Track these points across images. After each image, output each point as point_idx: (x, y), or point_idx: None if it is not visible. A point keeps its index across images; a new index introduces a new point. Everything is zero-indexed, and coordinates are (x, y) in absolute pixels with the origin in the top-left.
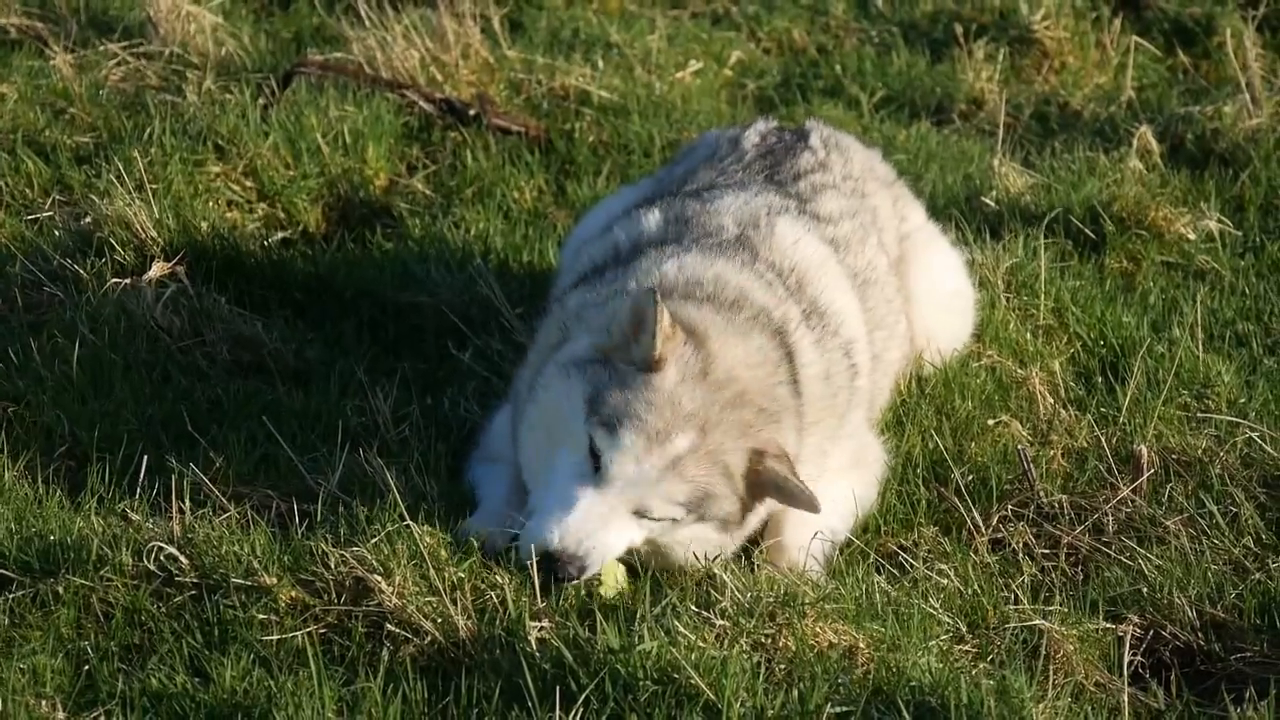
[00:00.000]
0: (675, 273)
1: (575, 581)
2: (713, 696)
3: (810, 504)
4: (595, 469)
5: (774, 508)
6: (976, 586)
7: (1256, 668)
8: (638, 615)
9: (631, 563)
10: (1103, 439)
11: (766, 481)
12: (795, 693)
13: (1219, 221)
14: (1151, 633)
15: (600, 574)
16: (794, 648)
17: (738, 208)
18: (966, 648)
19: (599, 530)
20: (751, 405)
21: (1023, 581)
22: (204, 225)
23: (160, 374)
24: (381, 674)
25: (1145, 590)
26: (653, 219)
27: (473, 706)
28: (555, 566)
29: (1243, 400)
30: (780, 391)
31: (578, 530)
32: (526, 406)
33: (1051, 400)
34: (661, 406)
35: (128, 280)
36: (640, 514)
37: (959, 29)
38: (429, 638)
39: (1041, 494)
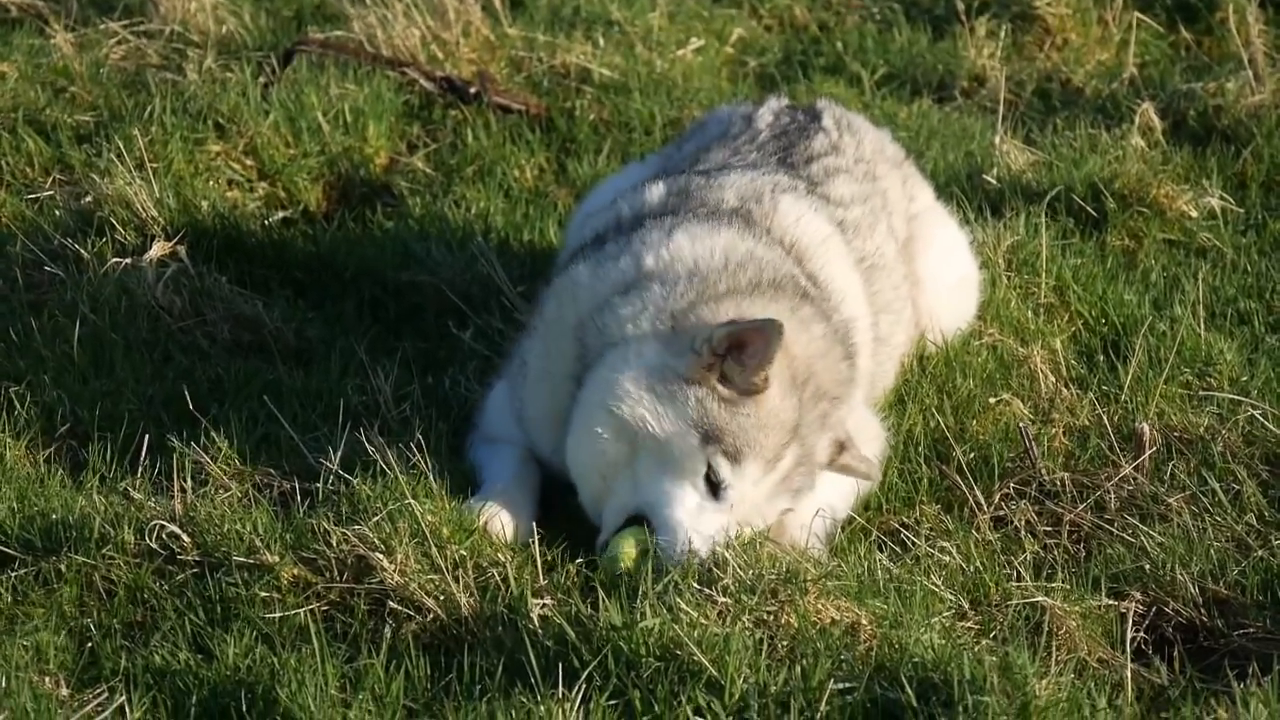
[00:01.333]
0: (690, 249)
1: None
2: (715, 673)
3: (875, 476)
4: (712, 493)
5: None
6: (978, 564)
7: (1259, 644)
8: (640, 592)
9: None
10: (1104, 417)
11: (840, 465)
12: (798, 669)
13: (1221, 199)
14: (1154, 609)
15: (621, 548)
16: (796, 625)
17: (743, 184)
18: (969, 624)
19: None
20: (826, 396)
21: (1025, 559)
22: (204, 204)
23: (161, 353)
24: (384, 651)
25: (1147, 567)
26: (656, 191)
27: (475, 683)
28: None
29: (1245, 378)
30: (843, 369)
31: (708, 544)
32: (593, 407)
33: (1053, 378)
34: (773, 428)
35: (128, 260)
36: (749, 525)
37: (960, 6)
38: (431, 615)
39: (1043, 472)
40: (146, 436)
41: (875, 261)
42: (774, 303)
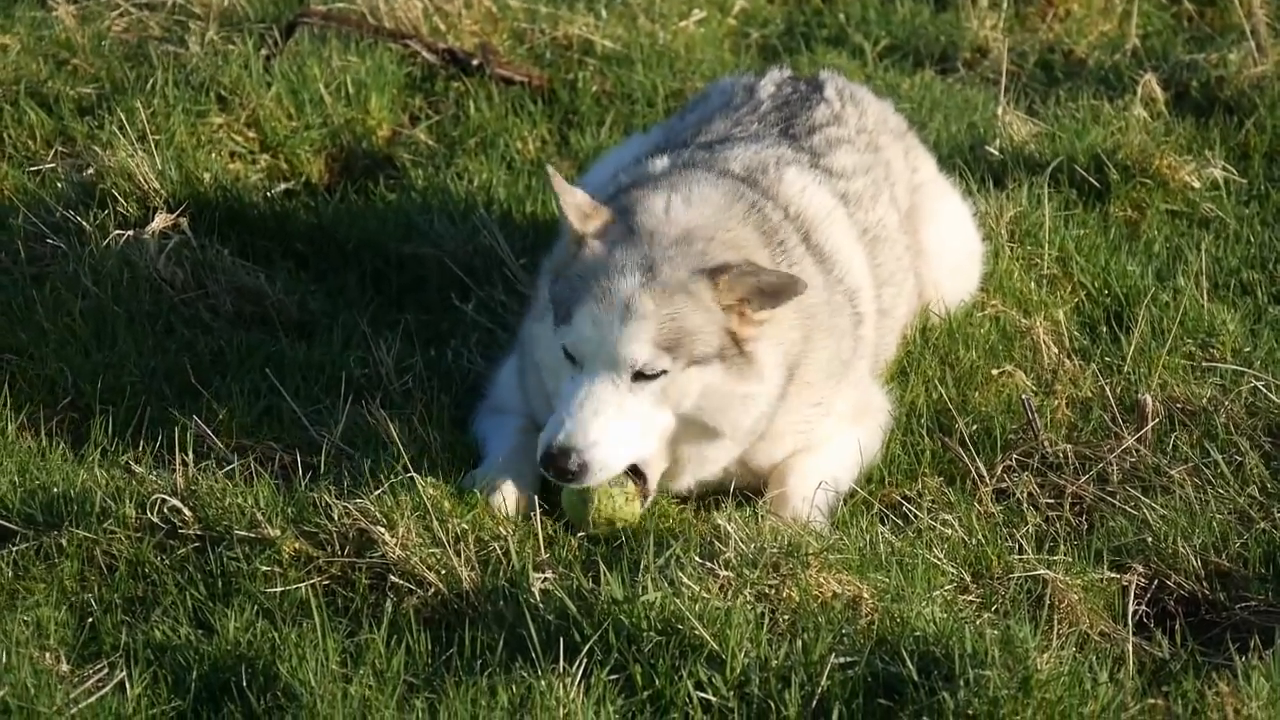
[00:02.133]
0: (662, 167)
1: (582, 480)
2: (716, 647)
3: (792, 284)
4: (575, 365)
5: (789, 362)
6: (981, 536)
7: (1261, 617)
8: (641, 566)
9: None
10: (1107, 388)
11: (742, 290)
12: (799, 643)
13: (1224, 169)
14: (1156, 582)
15: (617, 500)
16: (798, 598)
17: (748, 157)
18: (971, 598)
19: (595, 420)
20: (701, 238)
21: (1027, 531)
22: (206, 176)
23: (163, 326)
24: (385, 625)
25: (1150, 540)
26: (659, 165)
27: (476, 658)
28: (551, 465)
29: (1247, 349)
30: (743, 231)
31: (570, 422)
32: (527, 365)
33: (1056, 350)
34: (595, 268)
35: (130, 232)
36: (623, 371)
37: None
38: (432, 589)
39: (1046, 444)
40: (148, 409)
41: (878, 234)
42: (633, 191)
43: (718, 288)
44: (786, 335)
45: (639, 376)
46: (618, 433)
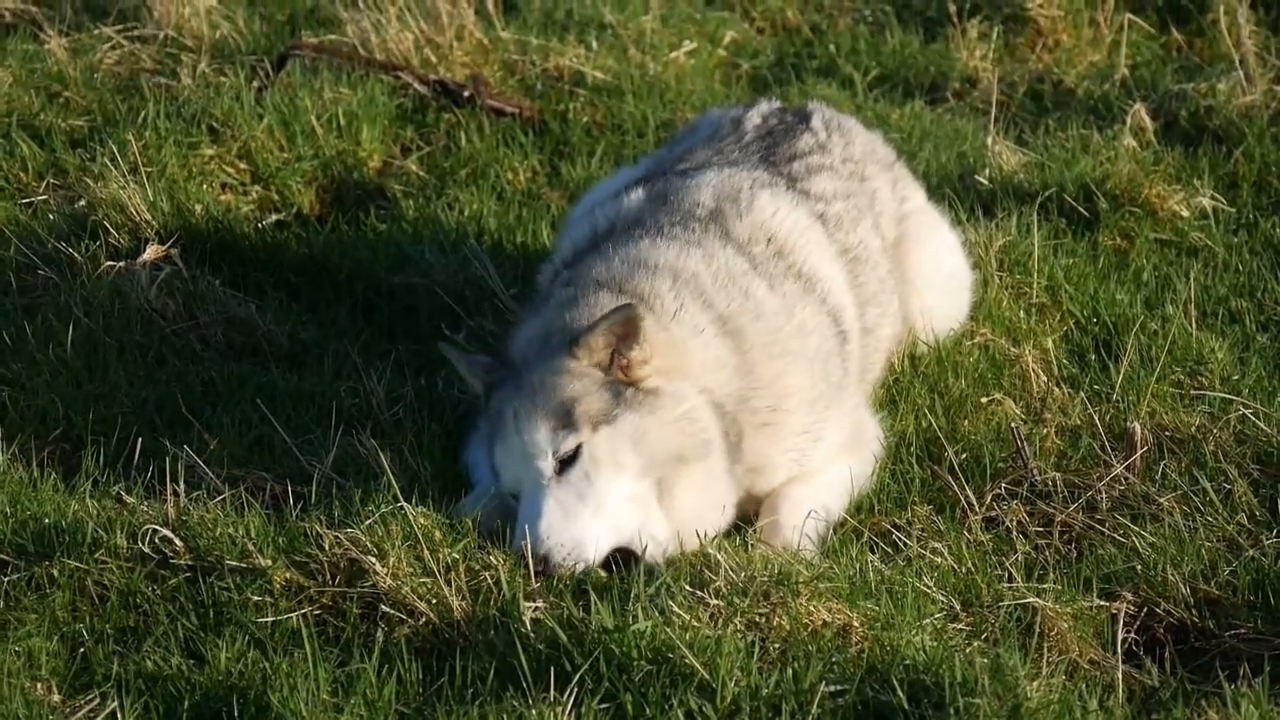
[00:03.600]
0: (637, 200)
1: (577, 570)
2: (707, 676)
3: (627, 313)
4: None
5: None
6: (970, 564)
7: (1250, 644)
8: (632, 595)
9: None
10: (1096, 416)
11: (599, 342)
12: (789, 672)
13: (1212, 198)
14: (1145, 610)
15: None
16: (788, 627)
17: (719, 182)
18: (960, 626)
19: (548, 526)
20: (556, 330)
21: (1016, 559)
22: (198, 208)
23: (155, 356)
24: (376, 655)
25: (1139, 567)
26: (634, 198)
27: (467, 687)
28: (548, 572)
29: (1236, 377)
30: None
31: (536, 531)
32: None
33: (1045, 378)
34: (493, 418)
35: (122, 263)
36: (544, 462)
37: (952, 7)
38: (423, 619)
39: (1035, 472)
40: (139, 440)
41: (858, 254)
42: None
43: (576, 356)
44: (689, 358)
45: (562, 466)
46: (583, 521)
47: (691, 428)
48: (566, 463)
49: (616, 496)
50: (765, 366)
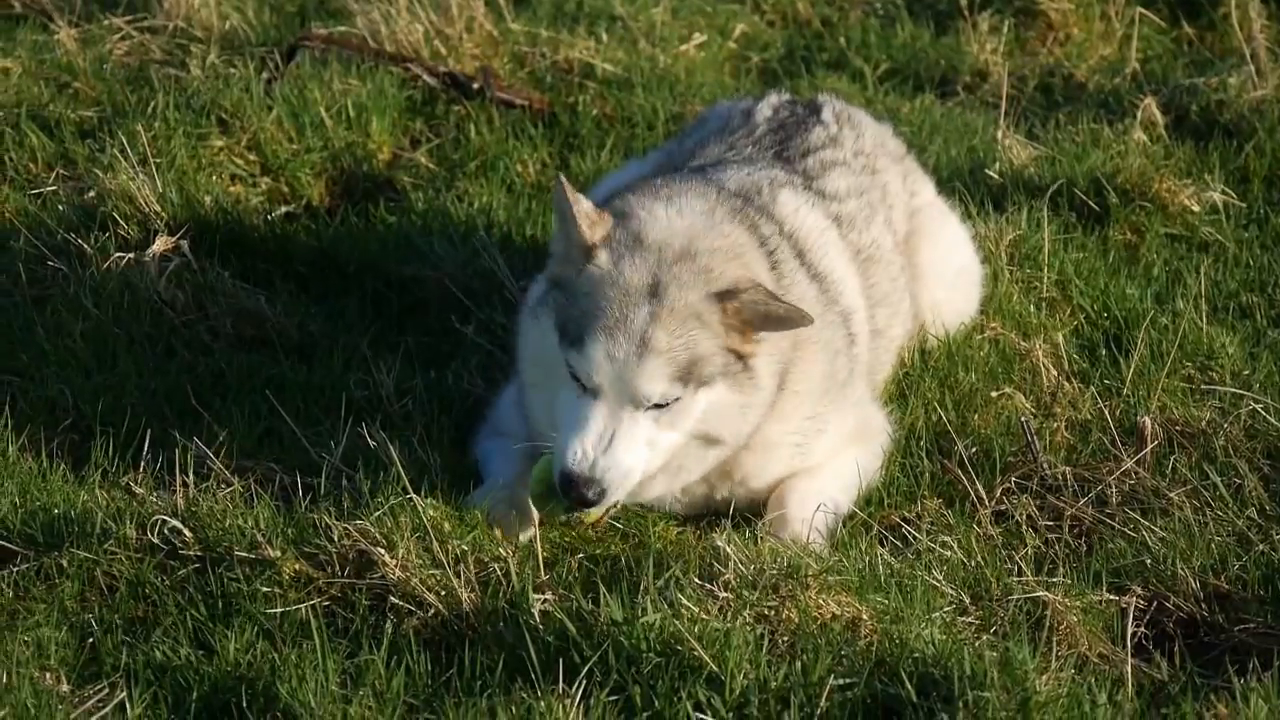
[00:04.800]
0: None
1: (601, 505)
2: (716, 668)
3: (799, 317)
4: (585, 389)
5: (784, 362)
6: (980, 558)
7: (1260, 639)
8: (641, 587)
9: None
10: (1106, 411)
11: (749, 315)
12: (798, 664)
13: (1223, 193)
14: (1155, 604)
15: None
16: (797, 620)
17: (740, 179)
18: (969, 619)
19: (612, 447)
20: (703, 251)
21: (1026, 553)
22: (207, 199)
23: (164, 348)
24: (385, 646)
25: (1148, 562)
26: None
27: (476, 679)
28: (572, 491)
29: (1246, 372)
30: (730, 229)
31: (588, 448)
32: (519, 369)
33: (1055, 372)
34: (607, 291)
35: (131, 255)
36: (640, 405)
37: (963, 1)
38: (432, 610)
39: (1045, 466)
40: (149, 431)
41: (871, 254)
42: (628, 196)
43: (726, 313)
44: (779, 344)
45: (651, 406)
46: (632, 459)
47: (747, 414)
48: (654, 405)
49: (666, 446)
50: (810, 352)
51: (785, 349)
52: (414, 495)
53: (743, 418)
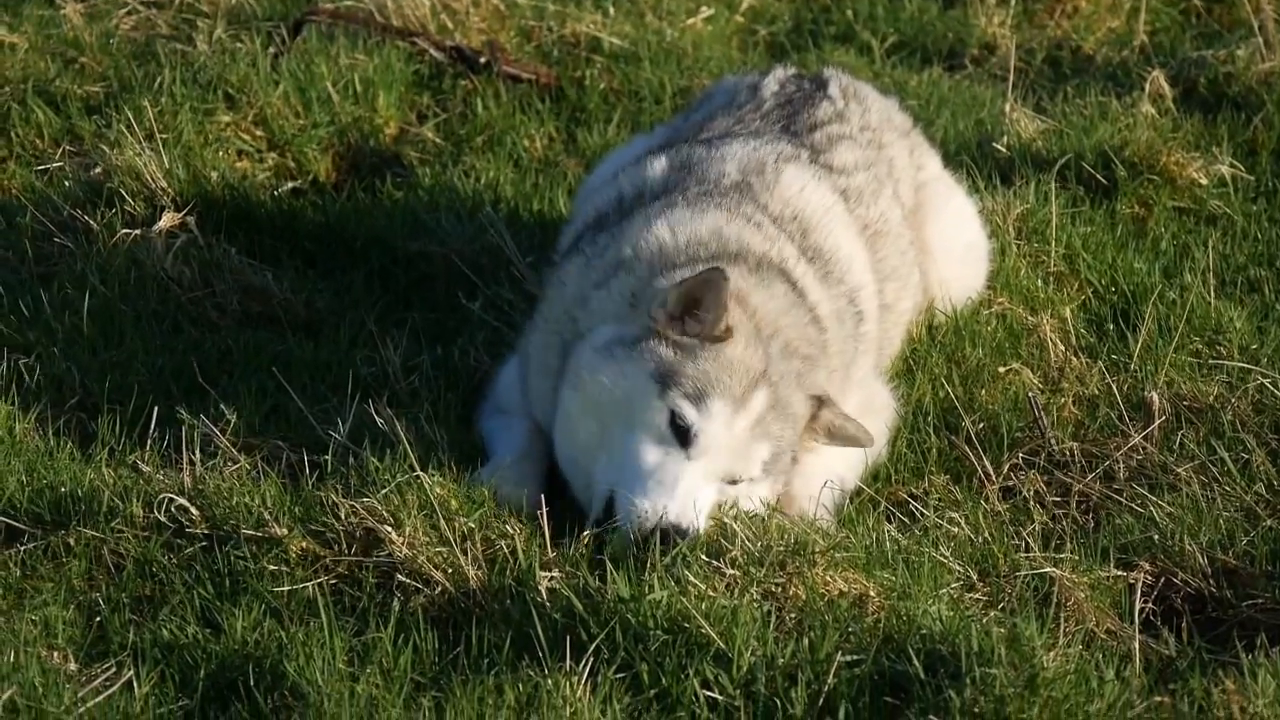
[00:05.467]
0: (670, 238)
1: (665, 555)
2: (723, 646)
3: (866, 440)
4: (681, 443)
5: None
6: (987, 534)
7: (1268, 614)
8: (648, 565)
9: None
10: (1114, 386)
11: (825, 426)
12: (806, 641)
13: (1231, 166)
14: (1163, 580)
15: None
16: (804, 596)
17: (744, 155)
18: (977, 596)
19: (697, 509)
20: (798, 354)
21: (1033, 529)
22: (214, 175)
23: (170, 325)
24: (392, 624)
25: (1156, 537)
26: (658, 166)
27: (483, 656)
28: (668, 543)
29: (1254, 346)
30: (811, 333)
31: (685, 503)
32: (565, 392)
33: (1062, 347)
34: (738, 371)
35: (138, 231)
36: (732, 479)
37: None
38: (439, 588)
39: (1052, 441)
40: (155, 409)
41: (879, 229)
42: (729, 266)
43: (814, 419)
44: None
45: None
46: (706, 514)
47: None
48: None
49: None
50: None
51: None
52: (421, 472)
53: (762, 499)
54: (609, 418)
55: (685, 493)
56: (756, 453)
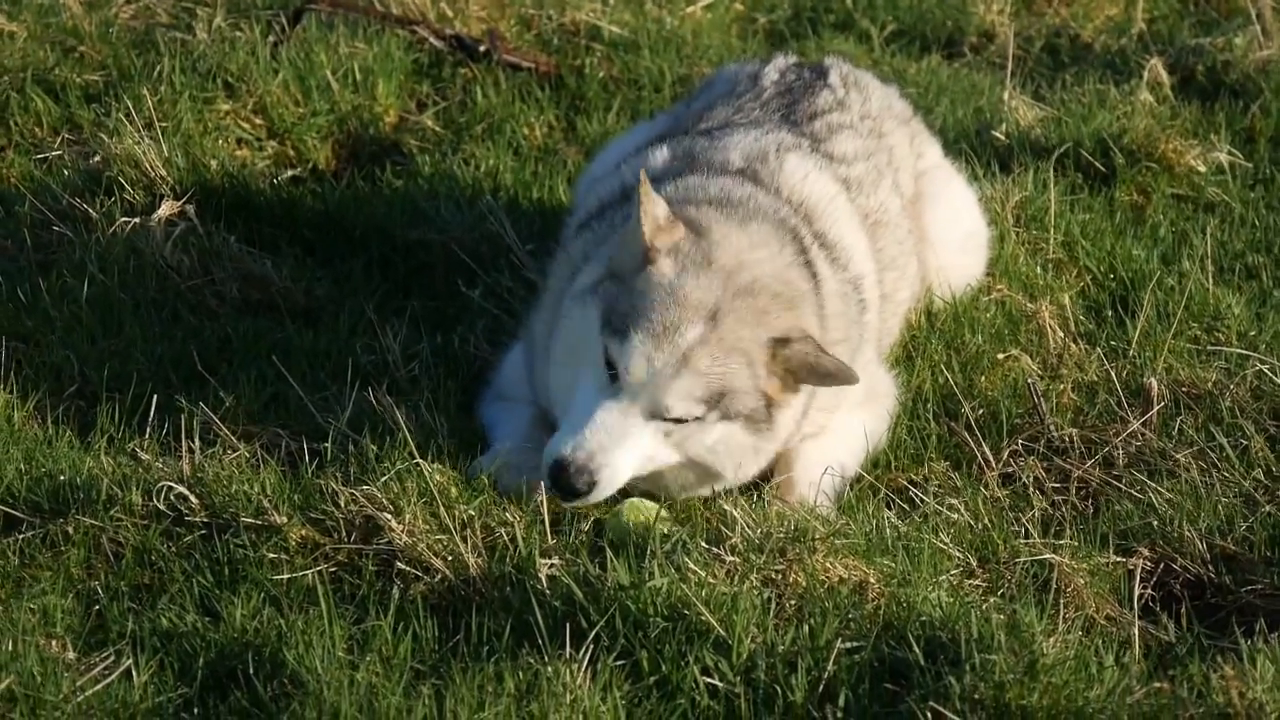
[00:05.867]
0: (673, 191)
1: (585, 499)
2: (723, 633)
3: (847, 376)
4: (612, 379)
5: (799, 414)
6: (987, 521)
7: (1267, 600)
8: (648, 552)
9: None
10: (1113, 372)
11: (797, 366)
12: (805, 628)
13: (1229, 153)
14: (1162, 566)
15: (632, 511)
16: (804, 583)
17: (747, 144)
18: (977, 582)
19: (614, 446)
20: (765, 292)
21: (1033, 515)
22: (213, 163)
23: (169, 313)
24: (392, 612)
25: (1155, 523)
26: (660, 155)
27: (483, 644)
28: (561, 478)
29: (1253, 333)
30: (793, 275)
31: (591, 441)
32: (551, 344)
33: (1061, 334)
34: (664, 299)
35: (137, 219)
36: (659, 415)
37: None
38: (439, 576)
39: (1052, 428)
40: (154, 397)
41: (879, 218)
42: (716, 210)
43: (775, 358)
44: (802, 397)
45: (669, 419)
46: (628, 460)
47: (758, 457)
48: (671, 419)
49: (661, 460)
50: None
51: (803, 402)
52: (421, 460)
53: (748, 460)
54: (577, 360)
55: (594, 429)
56: (687, 388)
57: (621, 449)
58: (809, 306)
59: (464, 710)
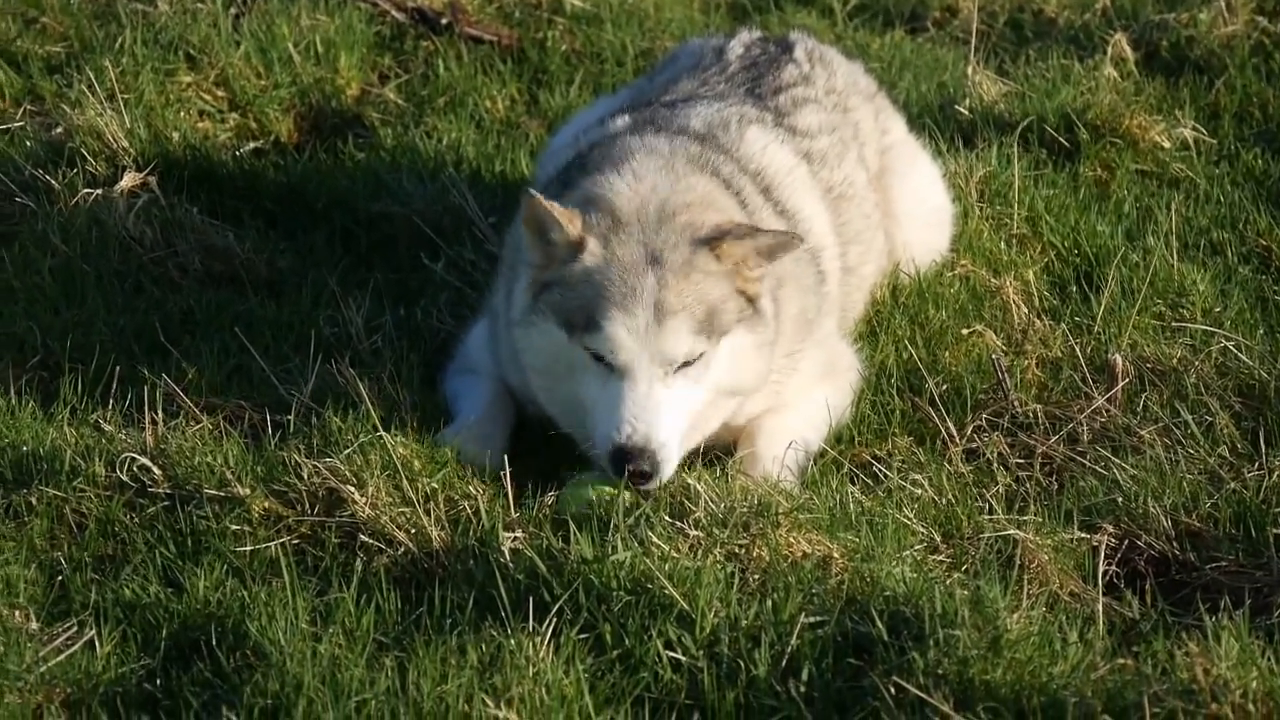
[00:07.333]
0: (623, 125)
1: (659, 476)
2: (686, 607)
3: (789, 240)
4: (610, 369)
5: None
6: (951, 496)
7: (1231, 577)
8: (611, 525)
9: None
10: (1077, 348)
11: (742, 253)
12: (769, 603)
13: (1193, 129)
14: (1126, 542)
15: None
16: (768, 558)
17: (709, 115)
18: (941, 558)
19: (654, 416)
20: (678, 208)
21: (997, 491)
22: (175, 135)
23: (132, 284)
24: (355, 584)
25: (1120, 500)
26: (619, 123)
27: (446, 617)
28: (631, 464)
29: (1217, 309)
30: (699, 181)
31: (634, 422)
32: (528, 378)
33: (1025, 310)
34: (607, 273)
35: (99, 191)
36: (670, 368)
37: None
38: (402, 548)
39: (1016, 404)
40: (117, 368)
41: (843, 192)
42: (589, 181)
43: (720, 257)
44: (769, 281)
45: (680, 365)
46: (673, 421)
47: (764, 354)
48: (683, 364)
49: (696, 405)
50: (788, 290)
51: (772, 285)
52: (384, 433)
53: (762, 357)
54: (559, 377)
55: (632, 410)
56: (677, 332)
57: (660, 415)
58: (724, 200)
59: (426, 682)
